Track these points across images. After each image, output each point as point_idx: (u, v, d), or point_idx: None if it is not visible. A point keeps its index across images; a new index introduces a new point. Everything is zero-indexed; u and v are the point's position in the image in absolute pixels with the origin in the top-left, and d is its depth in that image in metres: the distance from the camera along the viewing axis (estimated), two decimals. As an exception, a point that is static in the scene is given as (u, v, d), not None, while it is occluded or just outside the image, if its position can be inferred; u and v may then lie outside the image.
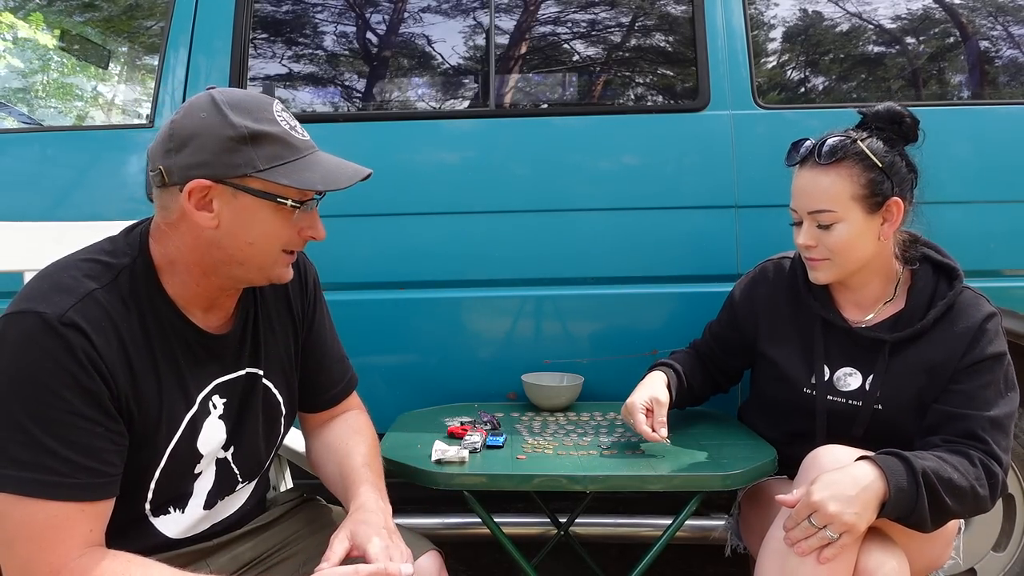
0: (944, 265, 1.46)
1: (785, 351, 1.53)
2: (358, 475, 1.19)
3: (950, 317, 1.40)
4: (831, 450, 1.30)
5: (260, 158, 1.00)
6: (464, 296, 1.91)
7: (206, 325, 1.11)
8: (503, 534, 1.45)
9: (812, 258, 1.45)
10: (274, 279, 1.11)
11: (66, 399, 0.93)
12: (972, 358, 1.36)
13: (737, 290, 1.66)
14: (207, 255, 1.05)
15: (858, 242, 1.40)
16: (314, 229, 1.10)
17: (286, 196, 1.03)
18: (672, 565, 2.28)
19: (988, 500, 1.29)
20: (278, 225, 1.05)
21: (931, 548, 1.38)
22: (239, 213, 1.02)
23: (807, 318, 1.52)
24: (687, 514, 1.44)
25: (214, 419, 1.12)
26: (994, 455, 1.31)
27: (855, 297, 1.50)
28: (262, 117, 1.02)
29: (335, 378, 1.33)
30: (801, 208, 1.44)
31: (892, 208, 1.40)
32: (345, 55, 2.07)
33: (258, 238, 1.04)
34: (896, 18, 1.99)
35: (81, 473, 0.94)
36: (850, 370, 1.46)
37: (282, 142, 1.02)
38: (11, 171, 1.95)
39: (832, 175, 1.39)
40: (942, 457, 1.27)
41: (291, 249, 1.09)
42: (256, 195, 1.01)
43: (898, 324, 1.44)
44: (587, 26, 2.02)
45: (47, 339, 0.93)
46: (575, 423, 1.70)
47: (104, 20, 2.71)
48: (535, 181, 1.90)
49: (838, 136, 1.42)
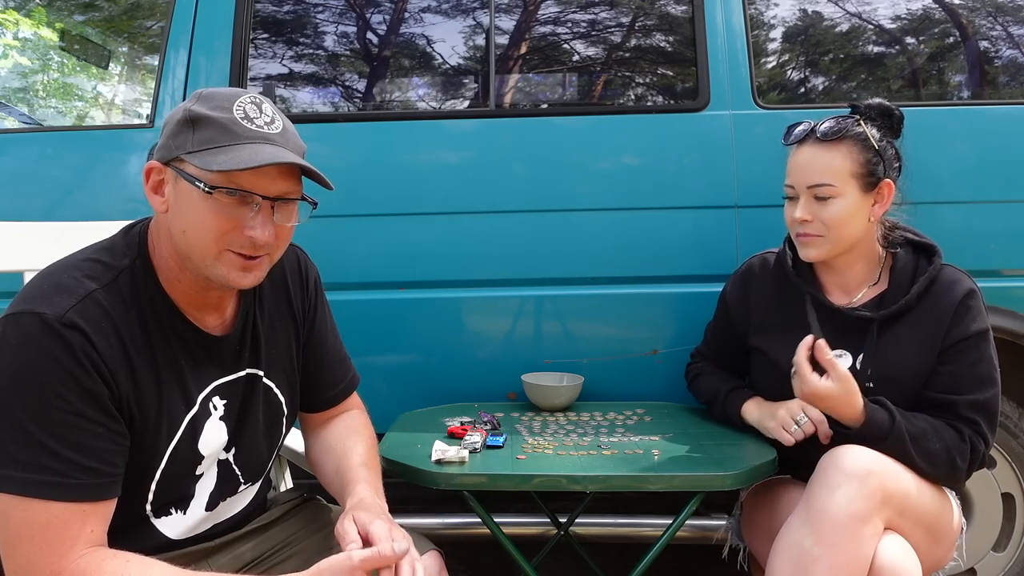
0: (922, 244, 1.50)
1: (776, 339, 1.55)
2: (355, 474, 1.19)
3: (933, 292, 1.44)
4: (851, 450, 1.30)
5: (194, 141, 0.99)
6: (464, 296, 1.91)
7: (206, 326, 1.10)
8: (503, 534, 1.45)
9: (806, 233, 1.47)
10: (220, 280, 1.02)
11: (67, 399, 0.93)
12: (958, 334, 1.40)
13: (727, 289, 1.69)
14: (171, 246, 1.04)
15: (852, 220, 1.45)
16: (254, 229, 1.00)
17: (200, 179, 0.98)
18: (672, 565, 2.28)
19: (964, 473, 1.39)
20: (205, 214, 0.99)
21: (938, 549, 1.39)
22: (179, 198, 1.01)
23: (796, 305, 1.54)
24: (687, 514, 1.44)
25: (215, 420, 1.12)
26: (982, 435, 1.39)
27: (840, 280, 1.53)
28: (217, 105, 1.00)
29: (336, 378, 1.33)
30: (800, 183, 1.48)
31: (884, 190, 1.47)
32: (345, 55, 2.07)
33: (189, 226, 1.00)
34: (896, 18, 1.99)
35: (82, 473, 0.94)
36: (840, 351, 1.49)
37: (220, 126, 0.99)
38: (11, 171, 1.95)
39: (833, 151, 1.45)
40: (931, 423, 1.37)
41: (236, 249, 1.01)
42: (185, 178, 0.99)
43: (883, 303, 1.48)
44: (587, 26, 2.02)
45: (47, 340, 0.93)
46: (575, 423, 1.70)
47: (104, 20, 2.72)
48: (535, 181, 1.90)
49: (839, 117, 1.49)
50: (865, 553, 1.22)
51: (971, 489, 1.90)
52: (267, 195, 1.01)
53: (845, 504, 1.22)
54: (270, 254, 1.06)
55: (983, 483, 1.89)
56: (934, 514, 1.36)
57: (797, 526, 1.27)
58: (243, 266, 1.03)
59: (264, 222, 1.01)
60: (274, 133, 1.02)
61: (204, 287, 1.07)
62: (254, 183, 0.99)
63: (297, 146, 1.05)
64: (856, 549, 1.21)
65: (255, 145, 0.99)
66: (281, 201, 1.03)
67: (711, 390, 1.70)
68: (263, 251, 1.03)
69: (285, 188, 1.03)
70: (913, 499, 1.31)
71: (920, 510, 1.32)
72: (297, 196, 1.05)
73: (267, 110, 1.03)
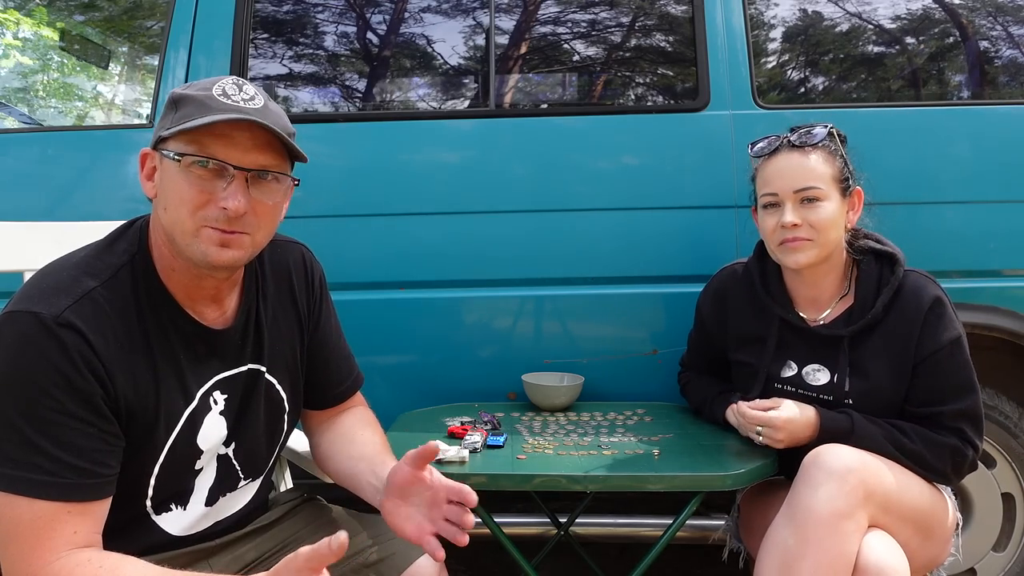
0: (884, 252, 1.50)
1: (756, 350, 1.56)
2: (387, 456, 1.20)
3: (899, 303, 1.44)
4: (832, 449, 1.31)
5: (173, 120, 1.00)
6: (464, 296, 1.91)
7: (205, 319, 1.10)
8: (503, 534, 1.45)
9: (796, 237, 1.46)
10: (200, 259, 1.01)
11: (58, 399, 0.93)
12: (930, 347, 1.41)
13: (702, 306, 1.71)
14: (162, 232, 1.04)
15: (836, 224, 1.47)
16: (226, 200, 0.98)
17: (170, 149, 0.98)
18: (672, 565, 2.28)
19: (953, 476, 1.41)
20: (181, 185, 0.98)
21: (930, 546, 1.39)
22: (162, 178, 1.02)
23: (772, 315, 1.55)
24: (687, 514, 1.44)
25: (215, 415, 1.12)
26: (970, 441, 1.40)
27: (812, 293, 1.54)
28: (200, 87, 1.02)
29: (342, 376, 1.33)
30: (786, 188, 1.47)
31: (855, 197, 1.51)
32: (345, 55, 2.07)
33: (169, 202, 1.00)
34: (896, 18, 1.99)
35: (71, 473, 0.93)
36: (818, 366, 1.50)
37: (197, 103, 0.99)
38: (11, 171, 1.95)
39: (815, 156, 1.48)
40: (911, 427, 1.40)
41: (212, 224, 1.00)
42: (163, 155, 1.00)
43: (851, 318, 1.48)
44: (587, 26, 2.02)
45: (42, 339, 0.93)
46: (575, 423, 1.70)
47: (104, 20, 2.72)
48: (535, 181, 1.90)
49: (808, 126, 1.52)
50: (849, 550, 1.23)
51: (971, 489, 1.90)
52: (240, 165, 0.99)
53: (827, 502, 1.23)
54: (251, 234, 1.03)
55: (983, 483, 1.89)
56: (924, 511, 1.36)
57: (781, 525, 1.28)
58: (220, 241, 1.01)
59: (236, 192, 0.99)
60: (252, 108, 1.00)
61: (197, 275, 1.06)
62: (227, 153, 0.98)
63: (280, 125, 1.03)
64: (839, 546, 1.22)
65: (226, 114, 0.98)
66: (256, 174, 1.01)
67: (699, 398, 1.72)
68: (239, 226, 1.01)
69: (263, 161, 1.01)
70: (898, 496, 1.31)
71: (907, 507, 1.33)
72: (275, 170, 1.03)
73: (248, 90, 1.02)
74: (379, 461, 1.18)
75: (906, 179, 1.83)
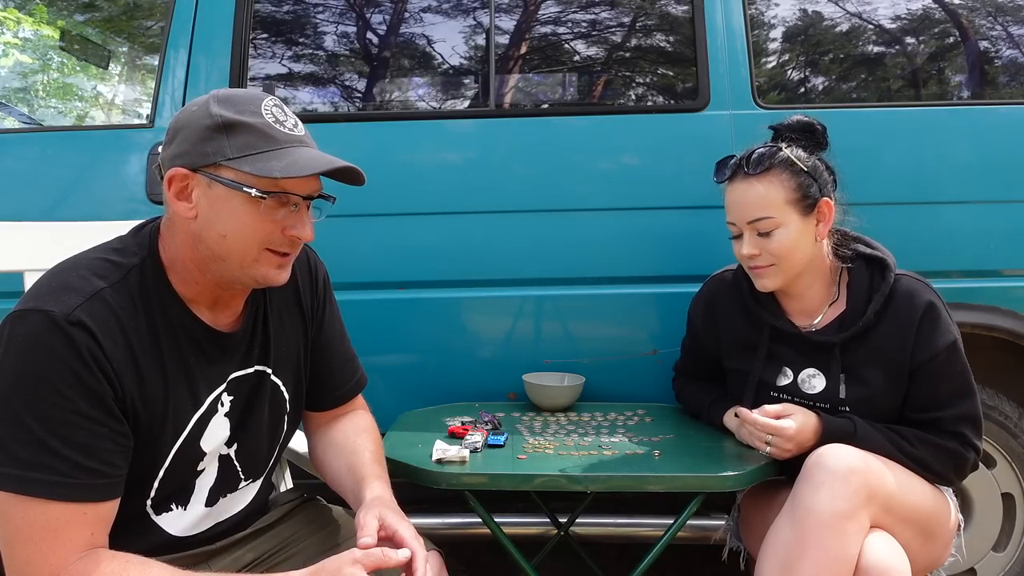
0: (874, 257, 1.48)
1: (750, 356, 1.55)
2: (369, 470, 1.20)
3: (892, 308, 1.43)
4: (835, 449, 1.30)
5: (232, 147, 1.00)
6: (464, 296, 1.91)
7: (215, 323, 1.11)
8: (503, 534, 1.45)
9: (758, 266, 1.47)
10: (260, 280, 1.07)
11: (69, 398, 0.93)
12: (926, 354, 1.39)
13: (693, 315, 1.70)
14: (196, 250, 1.04)
15: (799, 244, 1.45)
16: (298, 228, 1.05)
17: (252, 185, 1.00)
18: (672, 565, 2.28)
19: (954, 479, 1.42)
20: (251, 218, 1.02)
21: (932, 548, 1.39)
22: (213, 203, 1.02)
23: (759, 324, 1.55)
24: (688, 515, 1.43)
25: (220, 417, 1.12)
26: (971, 444, 1.40)
27: (801, 304, 1.53)
28: (245, 109, 1.02)
29: (344, 377, 1.33)
30: (740, 219, 1.47)
31: (823, 208, 1.46)
32: (345, 55, 2.07)
33: (231, 231, 1.02)
34: (896, 18, 1.99)
35: (83, 474, 0.93)
36: (813, 372, 1.49)
37: (258, 132, 1.01)
38: (11, 171, 1.95)
39: (765, 183, 1.44)
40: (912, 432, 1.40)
41: (276, 248, 1.06)
42: (226, 184, 1.00)
43: (844, 324, 1.47)
44: (587, 26, 2.02)
45: (53, 338, 0.93)
46: (576, 423, 1.70)
47: (104, 20, 2.72)
48: (535, 181, 1.90)
49: (762, 147, 1.48)
50: (850, 551, 1.22)
51: (971, 489, 1.90)
52: (305, 195, 1.06)
53: (829, 502, 1.23)
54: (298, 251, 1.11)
55: (983, 483, 1.89)
56: (926, 512, 1.36)
57: (783, 525, 1.28)
58: (280, 263, 1.07)
59: (307, 222, 1.07)
60: (303, 135, 1.07)
61: (223, 287, 1.08)
62: (297, 186, 1.04)
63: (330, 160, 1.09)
64: (841, 547, 1.22)
65: (295, 149, 1.03)
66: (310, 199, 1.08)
67: (695, 404, 1.72)
68: (298, 248, 1.09)
69: (317, 186, 1.08)
70: (900, 497, 1.31)
71: (909, 508, 1.33)
72: (324, 194, 1.10)
73: (289, 112, 1.07)
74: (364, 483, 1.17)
75: (906, 179, 1.83)
